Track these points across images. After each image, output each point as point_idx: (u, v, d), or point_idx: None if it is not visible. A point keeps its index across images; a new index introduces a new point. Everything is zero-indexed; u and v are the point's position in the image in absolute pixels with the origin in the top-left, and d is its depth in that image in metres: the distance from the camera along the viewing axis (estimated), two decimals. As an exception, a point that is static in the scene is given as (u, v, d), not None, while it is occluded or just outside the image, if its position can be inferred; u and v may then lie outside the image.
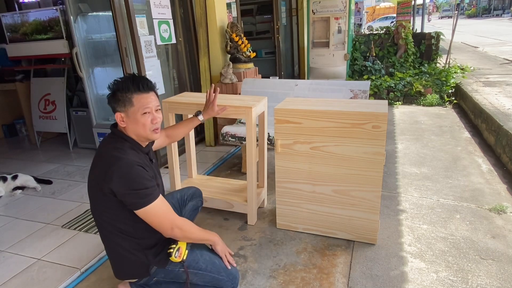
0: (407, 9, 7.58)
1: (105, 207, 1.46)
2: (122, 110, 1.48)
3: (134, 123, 1.49)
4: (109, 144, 1.49)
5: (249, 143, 2.29)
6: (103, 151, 1.48)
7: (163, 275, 1.58)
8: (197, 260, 1.58)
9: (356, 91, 2.99)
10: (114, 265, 1.59)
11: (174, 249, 1.51)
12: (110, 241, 1.53)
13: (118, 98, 1.48)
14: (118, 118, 1.50)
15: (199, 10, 3.86)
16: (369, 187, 2.04)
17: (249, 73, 4.01)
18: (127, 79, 1.50)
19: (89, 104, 3.89)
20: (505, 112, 3.70)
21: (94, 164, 1.48)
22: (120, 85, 1.48)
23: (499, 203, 2.48)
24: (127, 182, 1.37)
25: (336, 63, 6.30)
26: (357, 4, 15.35)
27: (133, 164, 1.39)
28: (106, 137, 1.55)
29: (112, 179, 1.36)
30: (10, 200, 3.05)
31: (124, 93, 1.47)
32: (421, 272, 1.89)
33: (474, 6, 38.62)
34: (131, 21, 2.98)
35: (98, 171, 1.43)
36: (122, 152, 1.42)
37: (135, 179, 1.38)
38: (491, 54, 8.93)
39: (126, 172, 1.38)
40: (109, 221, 1.48)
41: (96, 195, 1.47)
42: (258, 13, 7.45)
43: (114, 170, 1.37)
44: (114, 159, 1.39)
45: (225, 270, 1.62)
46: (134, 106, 1.48)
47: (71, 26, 3.64)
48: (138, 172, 1.39)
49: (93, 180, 1.46)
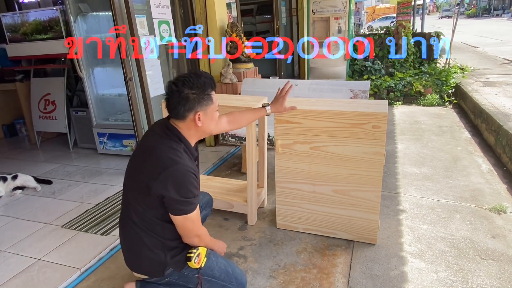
0: (407, 9, 7.58)
1: (142, 203, 1.43)
2: (202, 108, 1.45)
3: (210, 120, 1.49)
4: (165, 143, 1.43)
5: (249, 143, 2.29)
6: (159, 148, 1.41)
7: (177, 277, 1.55)
8: (212, 268, 1.56)
9: (356, 91, 2.99)
10: (132, 258, 1.56)
11: (194, 254, 1.48)
12: (134, 234, 1.49)
13: (200, 97, 1.43)
14: (195, 118, 1.44)
15: (199, 10, 3.86)
16: (369, 187, 2.04)
17: (249, 73, 4.01)
18: (199, 76, 1.44)
19: (89, 104, 3.89)
20: (505, 112, 3.70)
21: (145, 159, 1.42)
22: (198, 83, 1.43)
23: (499, 203, 2.48)
24: (179, 189, 1.36)
25: (336, 63, 6.29)
26: (356, 4, 15.36)
27: (188, 171, 1.38)
28: (159, 131, 1.48)
29: (165, 182, 1.34)
30: (10, 200, 3.05)
31: (205, 90, 1.44)
32: (421, 272, 1.89)
33: (474, 6, 38.62)
34: (131, 21, 2.98)
35: (150, 168, 1.38)
36: (179, 155, 1.40)
37: (187, 187, 1.37)
38: (491, 54, 8.93)
39: (181, 178, 1.36)
40: (141, 216, 1.45)
41: (138, 189, 1.42)
42: (258, 13, 7.46)
43: (169, 174, 1.34)
44: (170, 162, 1.36)
45: (236, 279, 1.61)
46: (213, 103, 1.49)
47: (71, 26, 3.64)
48: (191, 180, 1.38)
49: (140, 173, 1.41)
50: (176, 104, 1.42)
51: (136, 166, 1.47)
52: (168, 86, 1.44)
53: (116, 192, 3.01)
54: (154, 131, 1.51)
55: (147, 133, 1.57)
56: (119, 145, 3.85)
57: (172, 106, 1.44)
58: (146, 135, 1.56)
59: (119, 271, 2.04)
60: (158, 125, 1.54)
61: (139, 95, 3.21)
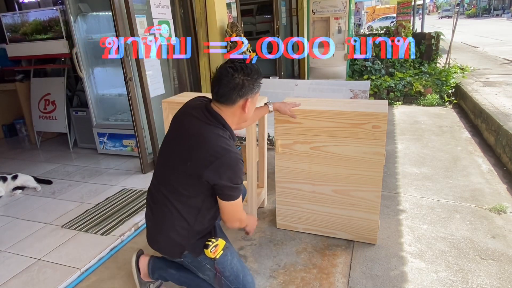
0: (407, 9, 7.58)
1: (190, 188, 1.44)
2: (252, 96, 1.49)
3: (253, 107, 1.53)
4: (212, 130, 1.44)
5: (249, 143, 2.29)
6: (208, 136, 1.42)
7: (190, 261, 1.58)
8: (225, 266, 1.57)
9: (356, 91, 2.99)
10: (155, 235, 1.57)
11: (212, 243, 1.51)
12: (166, 213, 1.50)
13: (252, 85, 1.47)
14: (246, 104, 1.47)
15: (199, 10, 3.87)
16: (369, 187, 2.04)
17: (249, 73, 4.00)
18: (249, 65, 1.47)
19: (89, 104, 3.89)
20: (505, 112, 3.70)
21: (191, 143, 1.43)
22: (249, 71, 1.45)
23: (499, 203, 2.48)
24: (232, 176, 1.39)
25: (336, 63, 6.29)
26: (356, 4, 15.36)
27: (238, 159, 1.41)
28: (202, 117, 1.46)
29: (219, 170, 1.37)
30: (10, 200, 3.05)
31: (259, 79, 1.49)
32: (421, 272, 1.89)
33: (474, 6, 38.63)
34: (131, 21, 2.98)
35: (201, 157, 1.39)
36: (228, 143, 1.42)
37: (238, 174, 1.41)
38: (491, 54, 8.93)
39: (235, 167, 1.39)
40: (181, 199, 1.47)
41: (185, 175, 1.43)
42: (258, 13, 7.46)
43: (223, 163, 1.37)
44: (223, 151, 1.38)
45: (244, 286, 1.60)
46: (259, 92, 1.53)
47: (71, 26, 3.64)
48: (241, 167, 1.42)
49: (189, 161, 1.41)
50: (230, 89, 1.43)
51: (181, 154, 1.45)
52: (221, 70, 1.45)
53: (116, 192, 3.01)
54: (193, 115, 1.49)
55: (182, 115, 1.54)
56: (119, 145, 3.85)
57: (223, 90, 1.44)
58: (181, 117, 1.54)
59: (119, 271, 2.04)
60: (195, 108, 1.52)
61: (139, 95, 3.21)
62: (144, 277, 1.78)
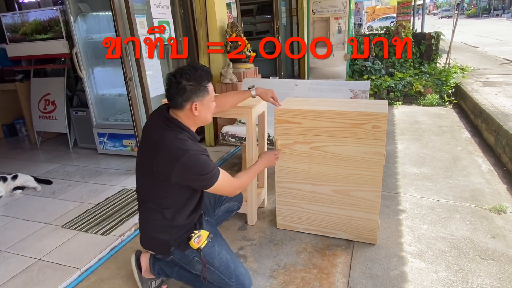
0: (407, 9, 7.58)
1: (163, 193, 1.57)
2: (199, 99, 1.56)
3: (207, 110, 1.61)
4: (170, 135, 1.53)
5: (249, 143, 2.29)
6: (168, 143, 1.50)
7: (179, 257, 1.67)
8: (213, 257, 1.64)
9: (356, 91, 2.99)
10: (143, 236, 1.72)
11: (195, 235, 1.60)
12: (148, 216, 1.66)
13: (196, 88, 1.54)
14: (192, 108, 1.55)
15: (199, 10, 3.86)
16: (369, 187, 2.04)
17: (249, 73, 4.01)
18: (196, 68, 1.55)
19: (89, 104, 3.89)
20: (505, 112, 3.70)
21: (157, 153, 1.51)
22: (195, 75, 1.53)
23: (499, 203, 2.48)
24: (198, 171, 1.50)
25: (336, 63, 6.29)
26: (357, 4, 15.36)
27: (198, 154, 1.51)
28: (160, 124, 1.57)
29: (182, 171, 1.48)
30: (10, 200, 3.05)
31: (202, 82, 1.55)
32: (421, 272, 1.89)
33: (474, 6, 38.62)
34: (131, 21, 2.98)
35: (165, 163, 1.49)
36: (186, 143, 1.51)
37: (202, 167, 1.51)
38: (491, 54, 8.93)
39: (195, 163, 1.49)
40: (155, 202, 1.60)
41: (156, 181, 1.54)
42: (258, 13, 7.45)
43: (183, 163, 1.47)
44: (182, 152, 1.48)
45: (237, 278, 1.64)
46: (209, 94, 1.59)
47: (71, 26, 3.64)
48: (203, 159, 1.52)
49: (158, 171, 1.51)
50: (175, 94, 1.53)
51: (148, 161, 1.55)
52: (167, 78, 1.55)
53: (116, 192, 3.01)
54: (156, 124, 1.60)
55: (148, 126, 1.66)
56: (119, 145, 3.85)
57: (171, 96, 1.55)
58: (147, 128, 1.65)
59: (119, 271, 2.04)
60: (157, 117, 1.63)
61: (139, 95, 3.21)
62: (146, 274, 1.81)
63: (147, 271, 1.81)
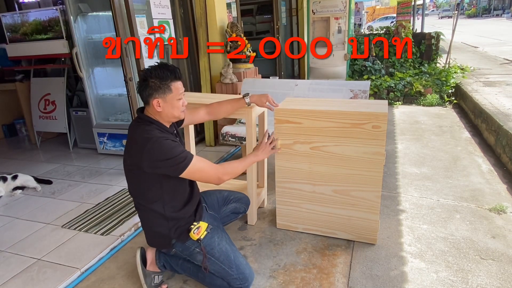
0: (407, 9, 7.57)
1: (143, 184, 1.64)
2: (161, 96, 1.62)
3: (171, 107, 1.65)
4: (138, 129, 1.62)
5: (249, 143, 2.29)
6: (135, 136, 1.61)
7: (181, 249, 1.74)
8: (213, 247, 1.70)
9: (356, 91, 2.99)
10: (146, 234, 1.80)
11: (194, 226, 1.67)
12: (143, 214, 1.74)
13: (158, 86, 1.60)
14: (155, 104, 1.62)
15: (199, 10, 3.86)
16: (369, 187, 2.04)
17: (249, 73, 4.01)
18: (163, 68, 1.62)
19: (89, 104, 3.89)
20: (505, 112, 3.70)
21: (128, 148, 1.64)
22: (159, 73, 1.60)
23: (499, 203, 2.48)
24: (162, 154, 1.55)
25: (336, 63, 6.29)
26: (357, 4, 15.36)
27: (161, 139, 1.56)
28: (133, 123, 1.68)
29: (150, 157, 1.54)
30: (10, 200, 3.05)
31: (164, 81, 1.61)
32: (421, 272, 1.89)
33: (474, 6, 38.61)
34: (131, 21, 2.98)
35: (134, 154, 1.59)
36: (150, 133, 1.58)
37: (167, 149, 1.56)
38: (491, 54, 8.92)
39: (158, 147, 1.55)
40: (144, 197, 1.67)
41: (134, 175, 1.64)
42: (258, 13, 7.45)
43: (148, 149, 1.54)
44: (145, 140, 1.56)
45: (237, 267, 1.69)
46: (172, 92, 1.64)
47: (71, 26, 3.64)
48: (168, 143, 1.57)
49: (131, 163, 1.61)
50: (141, 90, 1.64)
51: (126, 159, 1.66)
52: (139, 75, 1.64)
53: (116, 192, 3.01)
54: (131, 125, 1.71)
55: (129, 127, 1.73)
56: (119, 145, 3.84)
57: (138, 91, 1.66)
58: (128, 128, 1.73)
59: (119, 271, 2.04)
60: (134, 119, 1.74)
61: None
62: (151, 267, 1.83)
63: (152, 264, 1.84)
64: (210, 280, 1.74)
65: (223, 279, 1.70)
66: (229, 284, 1.70)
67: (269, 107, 2.12)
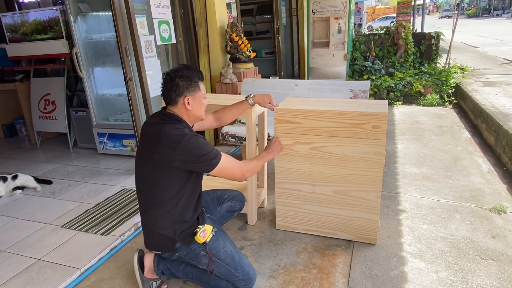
0: (407, 9, 7.57)
1: (162, 181, 1.61)
2: (191, 94, 1.68)
3: (198, 106, 1.71)
4: (167, 126, 1.62)
5: (249, 143, 2.29)
6: (165, 132, 1.59)
7: (185, 253, 1.70)
8: (218, 249, 1.69)
9: (356, 91, 2.99)
10: (147, 235, 1.74)
11: (200, 229, 1.66)
12: (150, 213, 1.68)
13: (188, 84, 1.66)
14: (185, 102, 1.66)
15: (199, 10, 3.86)
16: (369, 187, 2.04)
17: (249, 73, 4.01)
18: (188, 68, 1.68)
19: (89, 104, 3.89)
20: (505, 112, 3.70)
21: (154, 143, 1.60)
22: (187, 73, 1.66)
23: (499, 203, 2.48)
24: (198, 150, 1.58)
25: (336, 63, 6.29)
26: (357, 4, 15.35)
27: (194, 137, 1.60)
28: (158, 120, 1.67)
29: (183, 153, 1.56)
30: (10, 200, 3.05)
31: (196, 80, 1.69)
32: (421, 272, 1.89)
33: (474, 6, 38.61)
34: (131, 21, 2.98)
35: (165, 148, 1.57)
36: (183, 130, 1.62)
37: (203, 147, 1.60)
38: (491, 54, 8.92)
39: (194, 143, 1.58)
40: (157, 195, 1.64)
41: (156, 170, 1.61)
42: (258, 13, 7.45)
43: (183, 145, 1.56)
44: (179, 137, 1.58)
45: (242, 268, 1.69)
46: (200, 91, 1.71)
47: (71, 26, 3.64)
48: (201, 140, 1.61)
49: (160, 158, 1.58)
50: (169, 90, 1.66)
51: (148, 151, 1.62)
52: (163, 77, 1.69)
53: (116, 192, 3.01)
54: (153, 122, 1.70)
55: (146, 125, 1.74)
56: (119, 145, 3.85)
57: (165, 92, 1.68)
58: (146, 126, 1.73)
59: (119, 271, 2.04)
60: (154, 117, 1.73)
61: (139, 95, 3.21)
62: (148, 274, 1.81)
63: (150, 271, 1.81)
64: (215, 282, 1.73)
65: (228, 281, 1.70)
66: (234, 285, 1.70)
67: (270, 107, 2.13)
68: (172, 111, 1.69)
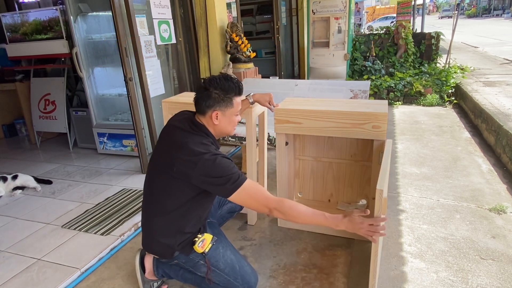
0: (407, 9, 7.57)
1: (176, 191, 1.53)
2: (222, 109, 1.57)
3: (228, 122, 1.62)
4: (195, 138, 1.53)
5: (249, 143, 2.29)
6: (189, 144, 1.50)
7: (184, 261, 1.66)
8: (217, 259, 1.64)
9: (356, 91, 2.99)
10: (147, 238, 1.68)
11: (199, 239, 1.60)
12: (152, 221, 1.62)
13: (221, 98, 1.56)
14: (213, 116, 1.57)
15: (199, 10, 3.87)
16: (369, 187, 2.04)
17: (249, 73, 4.01)
18: (228, 80, 1.58)
19: (89, 104, 3.88)
20: (505, 112, 3.69)
21: (175, 150, 1.51)
22: (224, 85, 1.55)
23: (499, 203, 2.48)
24: (218, 171, 1.45)
25: (336, 63, 6.29)
26: (357, 4, 15.35)
27: (216, 156, 1.47)
28: (186, 127, 1.57)
29: (203, 171, 1.44)
30: (10, 200, 3.05)
31: (228, 94, 1.57)
32: (421, 272, 1.89)
33: (474, 6, 38.61)
34: (131, 21, 2.98)
35: (185, 162, 1.47)
36: (206, 148, 1.50)
37: (223, 167, 1.46)
38: (491, 54, 8.92)
39: (212, 164, 1.45)
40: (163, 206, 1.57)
41: (171, 180, 1.52)
42: (258, 13, 7.45)
43: (203, 165, 1.44)
44: (203, 153, 1.46)
45: (242, 277, 1.64)
46: (234, 107, 1.60)
47: (71, 26, 3.64)
48: (222, 161, 1.47)
49: (175, 166, 1.49)
50: (200, 98, 1.57)
51: (168, 161, 1.53)
52: (200, 82, 1.60)
53: (116, 192, 3.01)
54: (179, 127, 1.60)
55: (170, 128, 1.64)
56: (119, 145, 3.85)
57: (196, 100, 1.59)
58: (170, 129, 1.63)
59: (119, 271, 2.04)
60: (182, 121, 1.62)
61: (139, 95, 3.21)
62: (149, 275, 1.80)
63: (150, 273, 1.80)
64: None
65: None
66: None
67: (269, 107, 2.12)
68: (201, 121, 1.60)
